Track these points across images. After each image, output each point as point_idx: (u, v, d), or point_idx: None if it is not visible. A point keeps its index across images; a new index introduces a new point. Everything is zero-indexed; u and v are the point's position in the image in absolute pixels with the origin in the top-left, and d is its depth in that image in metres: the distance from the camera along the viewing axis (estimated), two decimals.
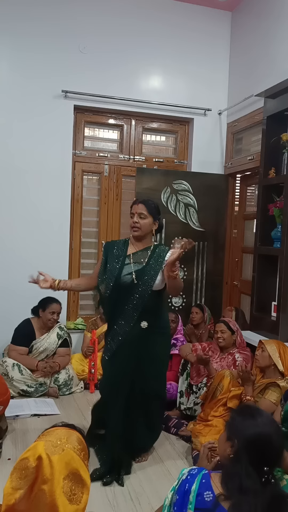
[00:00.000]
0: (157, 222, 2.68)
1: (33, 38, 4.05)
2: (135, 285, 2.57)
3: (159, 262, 2.60)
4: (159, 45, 4.38)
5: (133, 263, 2.62)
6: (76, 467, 1.36)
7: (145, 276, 2.57)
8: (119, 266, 2.63)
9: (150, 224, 2.65)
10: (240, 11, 4.41)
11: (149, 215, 2.63)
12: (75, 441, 1.43)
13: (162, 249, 2.67)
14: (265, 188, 3.65)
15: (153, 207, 2.67)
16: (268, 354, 2.70)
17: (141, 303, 2.56)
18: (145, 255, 2.64)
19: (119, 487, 2.46)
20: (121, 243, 2.75)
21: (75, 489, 1.34)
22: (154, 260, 2.61)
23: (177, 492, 1.42)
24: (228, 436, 1.48)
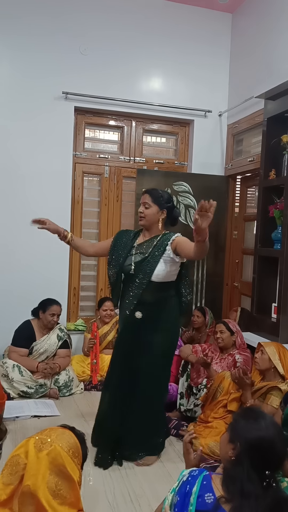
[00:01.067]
0: (165, 211, 2.64)
1: (33, 40, 4.05)
2: (133, 275, 2.58)
3: (160, 252, 2.55)
4: (160, 46, 4.39)
5: (135, 253, 2.63)
6: (62, 463, 1.38)
7: (144, 267, 2.56)
8: (124, 256, 2.67)
9: (154, 214, 2.62)
10: (240, 13, 4.42)
11: (154, 204, 2.61)
12: (65, 439, 1.45)
13: (166, 237, 2.59)
14: (265, 189, 3.65)
15: (159, 196, 2.63)
16: (268, 356, 2.69)
17: (138, 294, 2.55)
18: (150, 245, 2.61)
19: (119, 488, 2.45)
20: (132, 233, 2.78)
21: (61, 485, 1.36)
22: (155, 249, 2.57)
23: (177, 493, 1.42)
24: (230, 439, 1.47)
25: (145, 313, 2.57)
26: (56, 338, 3.83)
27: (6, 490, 1.37)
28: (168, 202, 2.66)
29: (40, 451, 1.38)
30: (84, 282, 4.56)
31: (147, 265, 2.55)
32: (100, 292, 4.53)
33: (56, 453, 1.38)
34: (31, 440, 1.43)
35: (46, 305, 3.80)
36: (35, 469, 1.35)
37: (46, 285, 4.11)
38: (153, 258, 2.55)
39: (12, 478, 1.38)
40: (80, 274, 4.50)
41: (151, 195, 2.63)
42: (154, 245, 2.59)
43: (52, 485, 1.35)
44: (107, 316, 4.11)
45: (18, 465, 1.39)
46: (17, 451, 1.43)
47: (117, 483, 2.51)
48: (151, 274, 2.53)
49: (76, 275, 4.46)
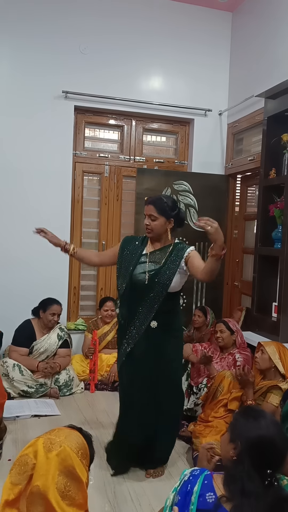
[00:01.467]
0: (172, 220, 2.53)
1: (33, 39, 4.05)
2: (148, 285, 2.46)
3: (176, 263, 2.48)
4: (160, 45, 4.38)
5: (149, 262, 2.52)
6: (71, 464, 1.37)
7: (161, 278, 2.46)
8: (134, 263, 2.54)
9: (162, 225, 2.51)
10: (240, 12, 4.42)
11: (160, 216, 2.49)
12: (74, 440, 1.44)
13: (181, 248, 2.52)
14: (265, 188, 3.65)
15: (164, 206, 2.50)
16: (268, 356, 2.69)
17: (155, 305, 2.46)
18: (163, 255, 2.52)
19: (119, 487, 2.45)
20: (139, 240, 2.66)
21: (70, 486, 1.35)
22: (171, 260, 2.49)
23: (179, 492, 1.41)
24: (231, 438, 1.47)
25: (159, 321, 2.49)
26: (57, 338, 3.82)
27: (14, 490, 1.36)
28: (173, 209, 2.53)
29: (50, 451, 1.37)
30: (84, 281, 4.56)
31: (164, 277, 2.46)
32: (100, 291, 4.53)
33: (66, 454, 1.38)
34: (40, 440, 1.42)
35: (47, 305, 3.80)
36: (45, 470, 1.34)
37: (46, 284, 4.11)
38: (169, 270, 2.47)
39: (21, 478, 1.37)
40: (80, 273, 4.49)
41: (156, 207, 2.49)
42: (167, 256, 2.51)
43: (61, 486, 1.34)
44: (108, 316, 4.11)
45: (26, 465, 1.38)
46: (26, 450, 1.42)
47: (118, 482, 2.51)
48: (169, 285, 2.45)
49: (76, 274, 4.45)
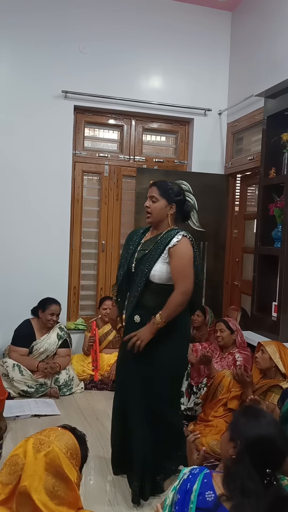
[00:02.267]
0: (174, 206, 2.34)
1: (33, 39, 4.05)
2: (134, 274, 2.33)
3: (159, 250, 2.25)
4: (159, 45, 4.38)
5: (139, 250, 2.38)
6: (59, 464, 1.38)
7: (142, 265, 2.28)
8: (130, 253, 2.42)
9: (162, 208, 2.33)
10: (240, 11, 4.41)
11: (162, 198, 2.32)
12: (63, 440, 1.44)
13: (170, 234, 2.28)
14: (265, 188, 3.65)
15: (167, 189, 2.34)
16: (268, 355, 2.69)
17: (136, 295, 2.28)
18: (153, 242, 2.34)
19: (119, 487, 2.45)
20: (141, 231, 2.52)
21: (58, 486, 1.36)
22: (155, 246, 2.28)
23: (178, 491, 1.41)
24: (231, 437, 1.47)
25: (145, 318, 2.25)
26: (56, 337, 3.82)
27: (4, 490, 1.37)
28: (178, 195, 2.35)
29: (38, 451, 1.38)
30: (84, 281, 4.56)
31: (145, 263, 2.27)
32: (100, 291, 4.53)
33: (54, 454, 1.38)
34: (30, 440, 1.43)
35: (46, 305, 3.80)
36: (33, 470, 1.35)
37: (46, 284, 4.11)
38: (151, 256, 2.27)
39: (11, 478, 1.38)
40: (80, 273, 4.49)
41: (159, 188, 2.34)
42: (156, 242, 2.31)
43: (49, 485, 1.35)
44: (107, 315, 4.11)
45: (16, 465, 1.39)
46: (16, 450, 1.43)
47: (118, 482, 2.50)
48: (148, 273, 2.24)
49: (76, 274, 4.45)
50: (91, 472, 2.59)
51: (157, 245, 2.29)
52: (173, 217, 2.37)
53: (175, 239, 2.24)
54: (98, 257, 4.51)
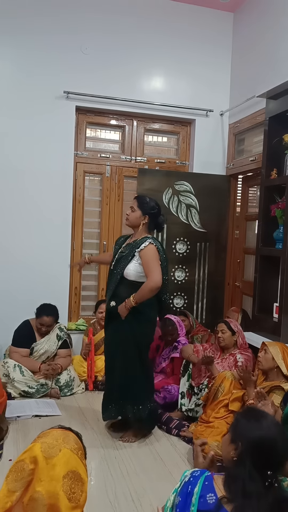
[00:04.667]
0: (147, 217, 2.94)
1: (35, 39, 4.05)
2: (112, 270, 3.00)
3: (132, 253, 2.88)
4: (161, 46, 4.38)
5: (120, 252, 3.02)
6: (75, 465, 1.36)
7: (120, 264, 2.93)
8: (113, 255, 3.07)
9: (137, 218, 2.96)
10: (242, 12, 4.41)
11: (138, 209, 2.96)
12: (72, 441, 1.43)
13: (141, 240, 2.90)
14: (267, 189, 3.65)
15: (144, 202, 2.97)
16: (271, 356, 2.68)
17: (113, 286, 2.94)
18: (130, 246, 2.96)
19: (120, 488, 2.45)
20: (127, 236, 3.15)
21: (74, 488, 1.34)
22: (130, 250, 2.91)
23: (179, 493, 1.41)
24: (232, 439, 1.47)
25: (118, 303, 2.88)
26: (56, 338, 3.82)
27: (11, 498, 1.34)
28: (152, 209, 2.96)
29: (50, 456, 1.35)
30: (85, 281, 4.56)
31: (121, 263, 2.92)
32: (101, 291, 4.53)
33: (68, 457, 1.36)
34: (37, 445, 1.39)
35: (39, 313, 3.80)
36: (47, 475, 1.32)
37: (47, 284, 4.11)
38: (126, 258, 2.91)
39: (17, 485, 1.34)
40: (82, 274, 4.49)
41: (138, 201, 2.99)
42: (132, 246, 2.93)
43: (67, 488, 1.32)
44: (102, 318, 4.08)
45: (23, 471, 1.36)
46: (22, 456, 1.40)
47: (118, 483, 2.51)
48: (122, 270, 2.89)
49: (77, 275, 4.45)
50: (92, 473, 2.58)
51: (131, 249, 2.92)
52: (146, 226, 2.98)
53: (143, 245, 2.87)
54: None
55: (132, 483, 2.51)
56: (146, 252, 2.84)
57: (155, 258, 2.85)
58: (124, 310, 2.85)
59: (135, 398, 2.95)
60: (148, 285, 2.79)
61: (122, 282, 2.91)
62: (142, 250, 2.85)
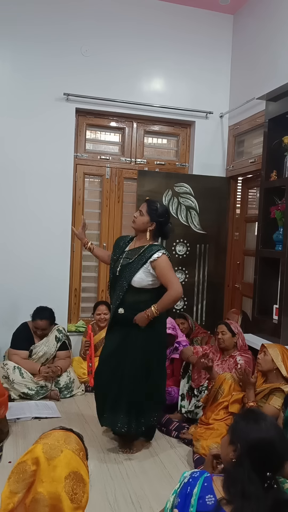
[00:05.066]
0: (154, 224, 2.83)
1: (35, 41, 4.06)
2: (118, 277, 2.85)
3: (142, 262, 2.77)
4: (161, 48, 4.39)
5: (124, 258, 2.88)
6: (76, 466, 1.36)
7: (127, 272, 2.80)
8: (116, 258, 2.94)
9: (144, 223, 2.84)
10: (241, 14, 4.42)
11: (146, 214, 2.84)
12: (73, 442, 1.43)
13: (150, 250, 2.80)
14: (266, 190, 3.65)
15: (153, 209, 2.84)
16: (270, 358, 2.68)
17: (121, 295, 2.81)
18: (136, 253, 2.84)
19: (120, 490, 2.45)
20: (128, 239, 3.03)
21: (76, 489, 1.34)
22: (139, 258, 2.79)
23: (179, 495, 1.41)
24: (231, 440, 1.46)
25: (127, 310, 2.79)
26: (55, 340, 3.81)
27: (13, 499, 1.34)
28: (160, 216, 2.84)
29: (52, 457, 1.35)
30: (85, 283, 4.56)
31: (129, 271, 2.80)
32: (101, 293, 4.53)
33: (69, 458, 1.36)
34: (38, 446, 1.39)
35: (33, 317, 3.78)
36: (49, 477, 1.32)
37: (47, 286, 4.12)
38: (135, 266, 2.78)
39: (19, 486, 1.34)
40: (81, 275, 4.49)
41: (148, 205, 2.86)
42: (139, 254, 2.82)
43: (69, 489, 1.32)
44: (101, 320, 4.09)
45: (25, 472, 1.36)
46: (24, 458, 1.39)
47: (118, 484, 2.50)
48: (130, 279, 2.77)
49: (77, 276, 4.45)
50: (91, 475, 2.55)
51: (140, 257, 2.80)
52: (152, 233, 2.87)
53: (155, 255, 2.76)
54: (98, 260, 4.49)
55: (131, 485, 2.51)
56: (160, 263, 2.75)
57: (171, 267, 2.80)
58: (144, 320, 2.74)
59: (141, 412, 2.81)
60: (172, 296, 2.73)
61: (129, 289, 2.80)
62: (156, 261, 2.75)
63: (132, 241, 2.97)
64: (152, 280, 2.79)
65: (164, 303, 2.74)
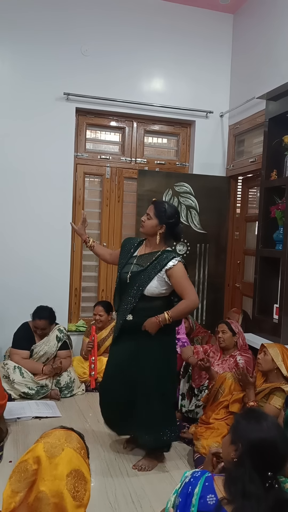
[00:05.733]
0: (164, 226, 2.64)
1: (35, 41, 4.06)
2: (129, 284, 2.65)
3: (156, 270, 2.60)
4: (161, 47, 4.39)
5: (135, 263, 2.69)
6: (78, 464, 1.37)
7: (139, 280, 2.62)
8: (124, 262, 2.74)
9: (153, 226, 2.65)
10: (241, 14, 4.42)
11: (155, 217, 2.64)
12: (74, 441, 1.43)
13: (165, 257, 2.62)
14: (267, 190, 3.65)
15: (162, 211, 2.64)
16: (271, 357, 2.68)
17: (132, 304, 2.62)
18: (149, 259, 2.66)
19: (120, 489, 2.45)
20: (136, 242, 2.83)
21: (78, 486, 1.34)
22: (153, 266, 2.62)
23: (179, 494, 1.41)
24: (232, 440, 1.47)
25: (136, 317, 2.62)
26: (55, 339, 3.81)
27: (15, 498, 1.34)
28: (170, 218, 2.65)
29: (53, 456, 1.35)
30: (86, 283, 4.56)
31: (142, 279, 2.61)
32: (101, 293, 4.53)
33: (71, 456, 1.37)
34: (39, 445, 1.40)
35: (33, 316, 3.77)
36: (51, 475, 1.32)
37: (47, 286, 4.12)
38: (148, 274, 2.61)
39: (21, 485, 1.35)
40: (82, 275, 4.50)
41: (155, 207, 2.67)
42: (152, 261, 2.64)
43: (71, 487, 1.33)
44: (97, 321, 4.08)
45: (26, 471, 1.36)
46: (25, 457, 1.40)
47: (119, 484, 2.50)
48: (144, 288, 2.60)
49: (77, 276, 4.45)
50: (92, 474, 2.56)
51: (154, 265, 2.62)
52: (163, 236, 2.67)
53: (171, 263, 2.60)
54: (99, 260, 4.49)
55: (132, 485, 2.51)
56: (176, 272, 2.59)
57: (186, 276, 2.64)
58: (155, 326, 2.58)
59: (156, 427, 2.64)
60: (188, 305, 2.58)
61: (141, 298, 2.62)
62: (171, 269, 2.58)
63: (142, 245, 2.78)
64: (166, 289, 2.65)
65: (179, 311, 2.60)
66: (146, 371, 2.63)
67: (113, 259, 2.93)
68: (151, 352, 2.64)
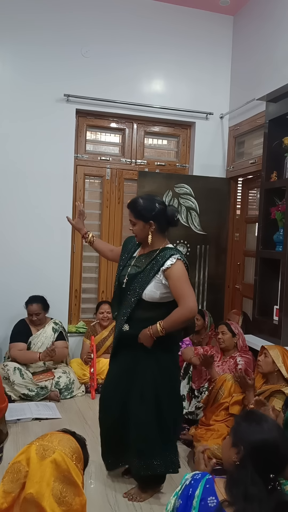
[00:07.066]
0: (152, 223, 2.33)
1: (35, 43, 4.06)
2: (126, 289, 2.38)
3: (154, 272, 2.30)
4: (161, 49, 4.39)
5: (132, 265, 2.42)
6: (67, 468, 1.36)
7: (136, 283, 2.33)
8: (122, 264, 2.50)
9: (142, 229, 2.36)
10: (242, 15, 4.43)
11: (137, 220, 2.36)
12: (67, 444, 1.43)
13: (164, 255, 2.32)
14: (267, 191, 3.65)
15: (139, 209, 2.35)
16: (271, 359, 2.67)
17: (127, 312, 2.34)
18: (147, 260, 2.38)
19: (120, 491, 2.44)
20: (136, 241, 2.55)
21: (66, 491, 1.34)
22: (150, 267, 2.32)
23: (180, 497, 1.41)
24: (234, 442, 1.46)
25: (133, 327, 2.33)
26: (52, 331, 3.89)
27: (7, 498, 1.35)
28: (151, 211, 2.33)
29: (43, 458, 1.36)
30: (86, 284, 4.56)
31: (139, 283, 2.32)
32: (101, 294, 4.53)
33: (60, 459, 1.36)
34: (33, 446, 1.41)
35: (26, 305, 3.88)
36: (39, 477, 1.33)
37: (47, 287, 4.11)
38: (145, 276, 2.31)
39: (13, 486, 1.35)
40: (82, 276, 4.49)
41: (132, 211, 2.38)
42: (150, 261, 2.35)
43: (57, 492, 1.33)
44: (104, 319, 4.10)
45: (19, 472, 1.37)
46: (18, 458, 1.41)
47: (119, 486, 2.50)
48: (141, 293, 2.30)
49: (77, 277, 4.45)
50: (92, 476, 2.58)
51: (152, 266, 2.33)
52: (156, 231, 2.37)
53: (169, 262, 2.29)
54: (99, 260, 4.50)
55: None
56: (173, 272, 2.26)
57: (186, 278, 2.28)
58: (148, 340, 2.27)
59: (152, 454, 2.33)
60: (182, 315, 2.22)
61: (137, 304, 2.32)
62: (169, 269, 2.26)
63: (141, 245, 2.50)
64: (166, 293, 2.31)
65: (172, 321, 2.23)
66: (135, 394, 2.35)
67: (114, 256, 2.67)
68: (149, 370, 2.34)
